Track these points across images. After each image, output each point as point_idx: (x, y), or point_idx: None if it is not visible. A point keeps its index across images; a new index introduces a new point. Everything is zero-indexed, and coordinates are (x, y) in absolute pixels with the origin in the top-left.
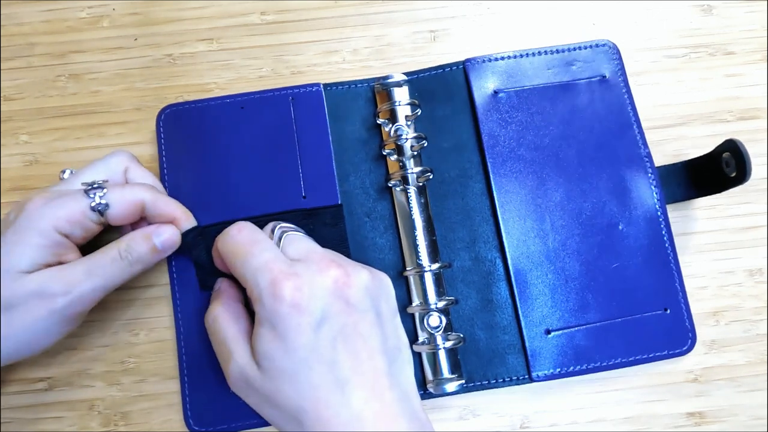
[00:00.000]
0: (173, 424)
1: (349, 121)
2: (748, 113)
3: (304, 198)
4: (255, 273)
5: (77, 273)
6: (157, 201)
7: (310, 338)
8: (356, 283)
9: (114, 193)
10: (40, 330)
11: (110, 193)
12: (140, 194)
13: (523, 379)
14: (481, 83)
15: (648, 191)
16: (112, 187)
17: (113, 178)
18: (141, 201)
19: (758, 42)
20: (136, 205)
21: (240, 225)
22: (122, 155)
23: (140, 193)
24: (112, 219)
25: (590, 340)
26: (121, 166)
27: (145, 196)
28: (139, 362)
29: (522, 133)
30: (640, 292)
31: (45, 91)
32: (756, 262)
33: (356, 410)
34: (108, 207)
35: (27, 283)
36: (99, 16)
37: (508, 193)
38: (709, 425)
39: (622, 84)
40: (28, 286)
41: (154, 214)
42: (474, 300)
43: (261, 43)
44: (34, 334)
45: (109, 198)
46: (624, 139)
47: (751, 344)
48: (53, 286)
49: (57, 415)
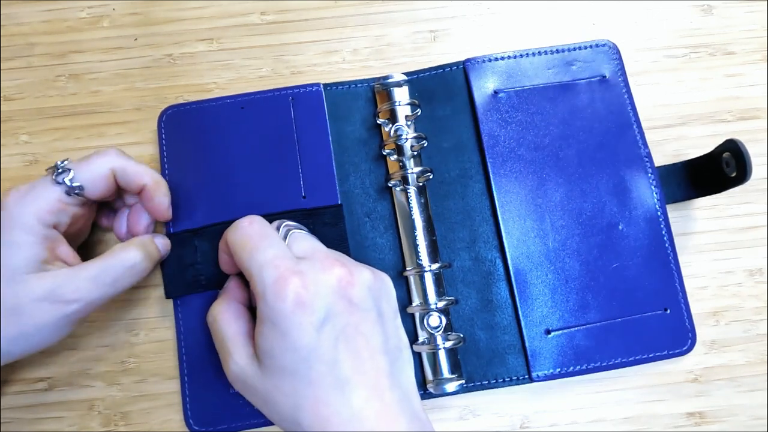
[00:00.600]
0: (173, 424)
1: (349, 121)
2: (748, 113)
3: (304, 198)
4: (261, 268)
5: (87, 280)
6: (125, 167)
7: (313, 337)
8: (359, 282)
9: (82, 172)
10: (49, 332)
11: (78, 173)
12: (107, 164)
13: (523, 379)
14: (481, 83)
15: (648, 191)
16: (77, 166)
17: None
18: (110, 171)
19: (758, 42)
20: (108, 177)
21: (251, 217)
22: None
23: (106, 162)
24: (91, 196)
25: (590, 340)
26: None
27: (112, 164)
28: (139, 362)
29: (522, 133)
30: (640, 292)
31: (45, 91)
32: (756, 262)
33: (356, 410)
34: (83, 188)
35: (35, 288)
36: (99, 16)
37: (508, 193)
38: (709, 425)
39: (622, 84)
40: (36, 290)
41: (125, 182)
42: (474, 300)
43: (261, 43)
44: (42, 336)
45: (79, 179)
46: (624, 139)
47: (751, 344)
48: (64, 293)
49: (57, 415)
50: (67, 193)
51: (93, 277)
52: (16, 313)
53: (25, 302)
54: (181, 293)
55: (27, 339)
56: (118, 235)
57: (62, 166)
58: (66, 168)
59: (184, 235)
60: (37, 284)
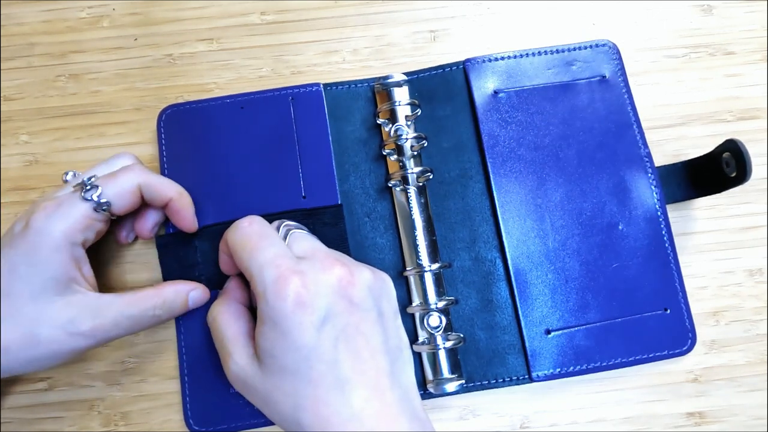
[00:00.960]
0: (173, 424)
1: (349, 121)
2: (748, 113)
3: (304, 198)
4: (261, 267)
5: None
6: (151, 182)
7: (313, 337)
8: (360, 282)
9: (109, 188)
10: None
11: (106, 189)
12: (134, 180)
13: (523, 379)
14: (481, 83)
15: (648, 191)
16: (104, 182)
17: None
18: (137, 186)
19: (758, 42)
20: (134, 192)
21: (251, 218)
22: (126, 157)
23: (133, 179)
24: (117, 212)
25: (590, 340)
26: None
27: (139, 180)
28: (139, 362)
29: (522, 133)
30: (640, 292)
31: (45, 91)
32: (756, 262)
33: (356, 409)
34: (110, 204)
35: (58, 313)
36: (99, 16)
37: (508, 193)
38: (709, 425)
39: (622, 84)
40: (59, 316)
41: (151, 197)
42: (474, 300)
43: (261, 43)
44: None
45: (107, 195)
46: (624, 139)
47: (751, 344)
48: (83, 325)
49: (57, 415)
50: (95, 209)
51: (114, 318)
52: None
53: (44, 327)
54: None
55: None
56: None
57: (90, 183)
58: (94, 185)
59: (184, 235)
60: (61, 310)
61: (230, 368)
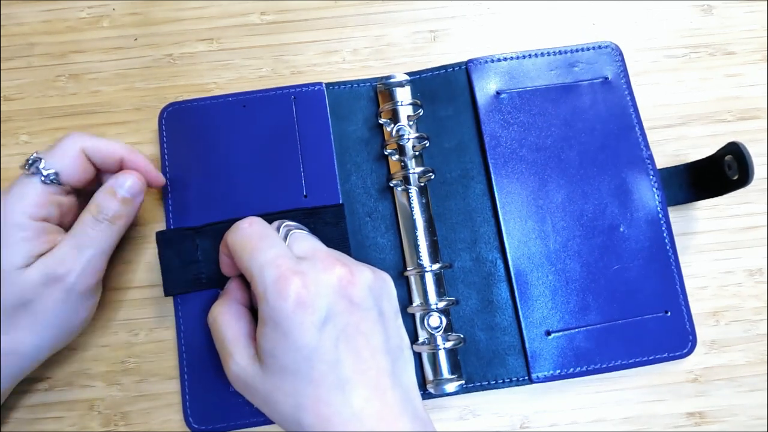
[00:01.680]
0: (173, 424)
1: (351, 121)
2: (748, 113)
3: (305, 197)
4: (262, 268)
5: (68, 250)
6: (94, 144)
7: (314, 337)
8: (360, 281)
9: (54, 158)
10: (66, 310)
11: (50, 159)
12: (74, 144)
13: (522, 381)
14: (484, 84)
15: (650, 193)
16: (45, 154)
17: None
18: (79, 150)
19: (758, 42)
20: (79, 157)
21: (251, 219)
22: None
23: (73, 143)
24: (72, 182)
25: (590, 341)
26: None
27: (80, 143)
28: (139, 362)
29: (524, 134)
30: (640, 295)
31: (45, 91)
32: (756, 262)
33: (357, 409)
34: (58, 174)
35: (30, 277)
36: (99, 16)
37: (510, 194)
38: (709, 425)
39: (624, 86)
40: (32, 278)
41: (100, 160)
42: (474, 301)
43: (261, 43)
44: (62, 317)
45: (51, 165)
46: (626, 141)
47: (751, 344)
48: (55, 270)
49: (57, 415)
50: (44, 182)
51: (70, 246)
52: (24, 306)
53: (28, 292)
54: (181, 291)
55: (47, 329)
56: None
57: (32, 158)
58: (36, 158)
59: (185, 232)
60: (30, 273)
61: (231, 369)
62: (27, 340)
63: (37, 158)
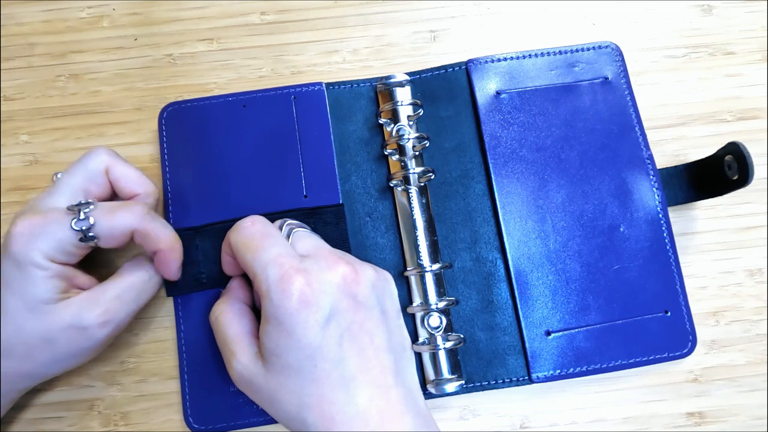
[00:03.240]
0: (173, 424)
1: (351, 121)
2: (748, 113)
3: (305, 197)
4: (265, 266)
5: (111, 301)
6: (147, 232)
7: (318, 335)
8: (363, 280)
9: (103, 226)
10: (83, 356)
11: (99, 224)
12: (131, 224)
13: (522, 381)
14: (484, 84)
15: (650, 193)
16: (99, 216)
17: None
18: (130, 231)
19: (758, 42)
20: (127, 235)
21: (253, 218)
22: (101, 154)
23: (130, 222)
24: (103, 246)
25: (591, 341)
26: (101, 167)
27: (136, 225)
28: (139, 362)
29: (524, 134)
30: (640, 295)
31: (45, 91)
32: (756, 262)
33: (361, 408)
34: (97, 239)
35: (60, 316)
36: (99, 16)
37: (510, 194)
38: (709, 425)
39: (624, 86)
40: (62, 318)
41: (143, 243)
42: (474, 301)
43: (261, 43)
44: (77, 360)
45: (98, 231)
46: (626, 141)
47: (751, 344)
48: (89, 318)
49: (57, 415)
50: (80, 240)
51: (117, 296)
52: (48, 342)
53: (55, 331)
54: (182, 292)
55: (60, 363)
56: None
57: (84, 212)
58: (87, 215)
59: (186, 233)
60: (63, 312)
61: (234, 368)
62: (41, 371)
63: (86, 218)
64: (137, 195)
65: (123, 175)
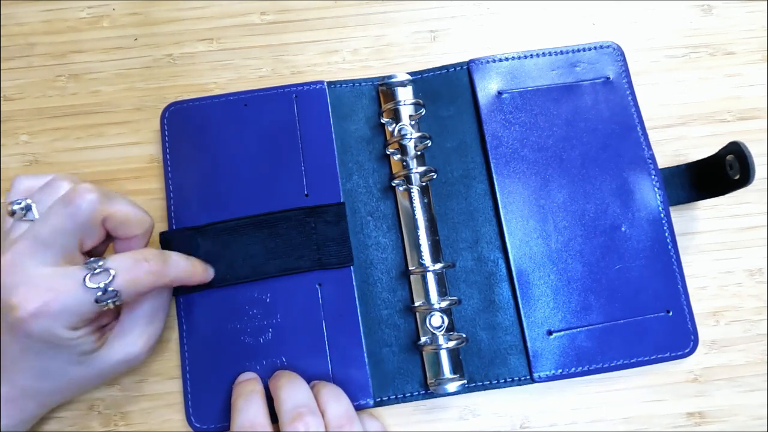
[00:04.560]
0: (173, 423)
1: (352, 120)
2: (748, 113)
3: (306, 196)
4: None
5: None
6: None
7: None
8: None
9: (125, 282)
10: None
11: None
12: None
13: (524, 380)
14: (485, 84)
15: (651, 193)
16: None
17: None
18: (154, 285)
19: (758, 42)
20: (149, 289)
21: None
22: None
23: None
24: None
25: (592, 341)
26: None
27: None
28: None
29: (525, 134)
30: (642, 294)
31: (45, 91)
32: (756, 262)
33: None
34: (118, 296)
35: (108, 357)
36: (99, 16)
37: (511, 193)
38: (709, 425)
39: (626, 86)
40: (111, 358)
41: None
42: (476, 300)
43: (261, 43)
44: None
45: (118, 285)
46: (628, 141)
47: (751, 344)
48: (135, 350)
49: (57, 415)
50: (97, 300)
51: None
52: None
53: (107, 370)
54: (184, 291)
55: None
56: None
57: (100, 267)
58: (109, 283)
59: (187, 233)
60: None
61: None
62: None
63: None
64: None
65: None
